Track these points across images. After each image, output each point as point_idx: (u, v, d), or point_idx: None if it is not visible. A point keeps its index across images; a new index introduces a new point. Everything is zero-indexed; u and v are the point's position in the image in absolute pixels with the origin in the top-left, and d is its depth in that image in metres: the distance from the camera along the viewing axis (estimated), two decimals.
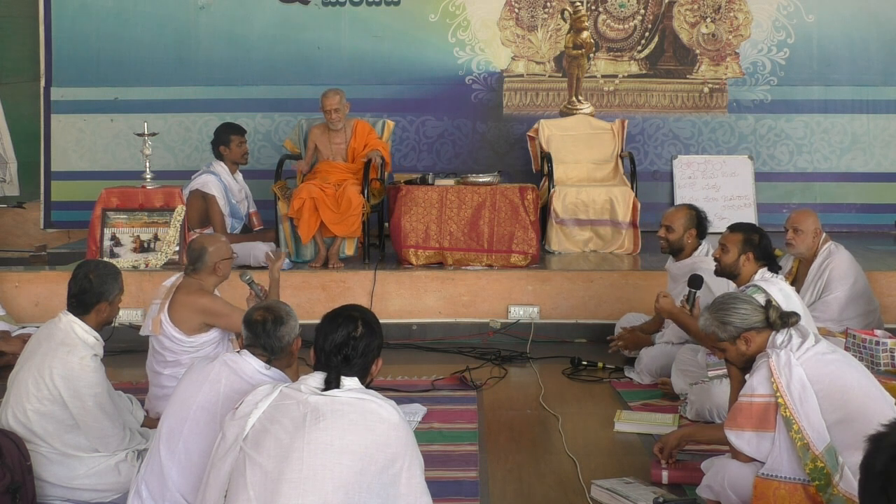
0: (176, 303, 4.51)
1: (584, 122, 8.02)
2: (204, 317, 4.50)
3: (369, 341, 2.87)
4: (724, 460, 3.52)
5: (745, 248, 4.57)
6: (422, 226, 6.59)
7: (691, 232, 5.29)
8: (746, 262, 4.57)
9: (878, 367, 4.71)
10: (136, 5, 8.42)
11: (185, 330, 4.48)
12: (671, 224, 5.32)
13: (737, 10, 8.29)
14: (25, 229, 8.59)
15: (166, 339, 4.50)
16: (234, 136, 7.03)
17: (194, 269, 4.60)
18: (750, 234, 4.62)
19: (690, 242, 5.30)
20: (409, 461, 2.75)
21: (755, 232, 4.64)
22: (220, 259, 4.63)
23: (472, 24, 8.33)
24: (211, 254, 4.59)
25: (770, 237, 4.70)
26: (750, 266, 4.56)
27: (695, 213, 5.33)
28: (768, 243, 4.62)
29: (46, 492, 3.72)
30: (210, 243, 4.66)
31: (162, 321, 4.49)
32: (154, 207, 6.69)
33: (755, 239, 4.58)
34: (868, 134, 8.24)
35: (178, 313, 4.49)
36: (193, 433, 3.21)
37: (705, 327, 3.57)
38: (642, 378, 5.33)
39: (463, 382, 5.36)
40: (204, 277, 4.60)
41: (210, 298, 4.55)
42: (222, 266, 4.64)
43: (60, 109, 8.46)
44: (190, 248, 4.70)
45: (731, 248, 4.60)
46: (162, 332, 4.49)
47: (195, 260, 4.60)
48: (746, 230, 4.66)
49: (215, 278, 4.64)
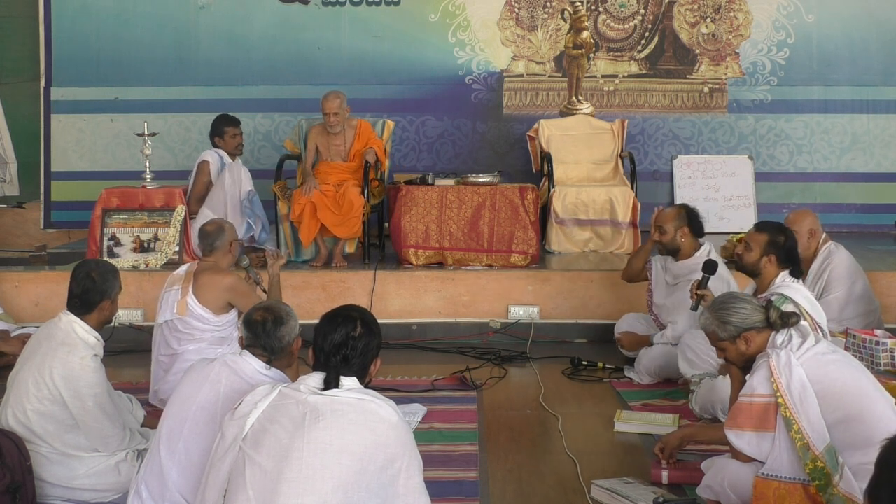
0: (201, 285, 4.72)
1: (584, 122, 8.02)
2: (229, 295, 4.74)
3: (368, 341, 2.87)
4: (724, 460, 3.51)
5: (768, 249, 4.49)
6: (422, 226, 6.59)
7: (683, 230, 5.30)
8: (768, 263, 4.49)
9: (878, 367, 4.71)
10: (136, 5, 8.42)
11: (213, 309, 4.72)
12: (662, 225, 5.34)
13: (737, 10, 8.29)
14: (25, 229, 8.59)
15: (193, 320, 4.71)
16: (227, 127, 7.02)
17: (212, 250, 4.84)
18: (776, 235, 4.52)
19: (685, 241, 5.31)
20: (408, 461, 2.76)
21: (781, 233, 4.54)
22: (234, 238, 4.91)
23: (472, 24, 8.33)
24: (227, 233, 4.87)
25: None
26: (772, 268, 4.49)
27: (684, 211, 5.36)
28: (793, 245, 4.54)
29: (46, 492, 3.72)
30: (225, 223, 4.99)
31: (188, 304, 4.70)
32: (154, 207, 6.70)
33: (780, 241, 4.49)
34: (868, 134, 8.24)
35: (206, 294, 4.71)
36: (193, 433, 3.22)
37: (705, 326, 3.56)
38: (642, 378, 5.33)
39: (463, 382, 5.36)
40: (220, 257, 4.85)
41: (235, 277, 4.82)
42: (235, 246, 4.91)
43: (60, 109, 8.46)
44: (204, 231, 4.94)
45: (755, 247, 4.53)
46: (189, 314, 4.70)
47: (214, 239, 4.84)
48: (773, 231, 4.55)
49: (230, 257, 4.90)
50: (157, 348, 4.91)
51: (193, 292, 4.71)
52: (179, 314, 4.72)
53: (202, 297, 4.71)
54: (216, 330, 4.76)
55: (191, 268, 4.87)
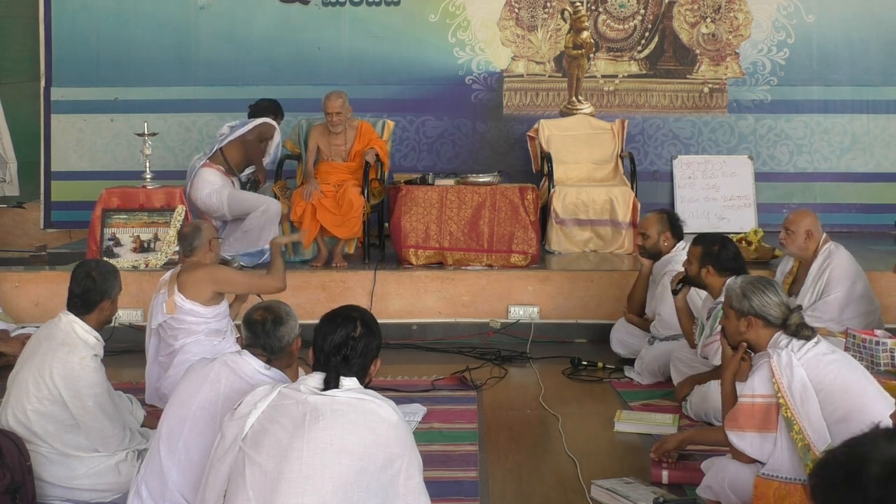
0: (184, 282, 4.79)
1: (584, 122, 8.02)
2: (214, 285, 4.81)
3: (368, 341, 2.87)
4: (725, 461, 3.51)
5: (704, 260, 4.67)
6: (422, 226, 6.59)
7: (665, 234, 5.48)
8: (708, 274, 4.66)
9: (878, 367, 4.71)
10: (136, 5, 8.42)
11: (203, 301, 4.77)
12: (646, 231, 5.54)
13: (737, 10, 8.29)
14: (25, 229, 8.60)
15: (185, 315, 4.77)
16: (281, 116, 7.15)
17: (192, 250, 4.90)
18: (710, 246, 4.69)
19: (667, 245, 5.49)
20: (408, 461, 2.76)
21: (716, 244, 4.70)
22: (213, 237, 4.98)
23: (472, 24, 8.33)
24: (205, 231, 4.95)
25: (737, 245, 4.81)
26: (713, 278, 4.64)
27: (666, 217, 5.56)
28: (730, 254, 4.66)
29: (46, 492, 3.72)
30: (202, 223, 5.15)
31: (177, 301, 4.76)
32: (154, 207, 6.70)
33: (714, 251, 4.66)
34: (868, 134, 8.24)
35: (191, 289, 4.78)
36: (193, 433, 3.22)
37: (730, 286, 3.62)
38: (642, 378, 5.34)
39: (463, 382, 5.36)
40: (201, 256, 4.90)
41: (215, 266, 4.90)
42: (215, 244, 4.98)
43: (60, 109, 8.46)
44: (182, 234, 5.03)
45: (693, 260, 4.74)
46: (179, 311, 4.76)
47: (192, 240, 4.91)
48: (706, 243, 4.73)
49: (212, 255, 4.95)
50: (155, 351, 4.95)
51: (179, 290, 4.78)
52: (170, 313, 4.79)
53: (187, 292, 4.78)
54: (209, 322, 4.82)
55: (174, 271, 4.94)
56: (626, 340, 5.68)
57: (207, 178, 6.78)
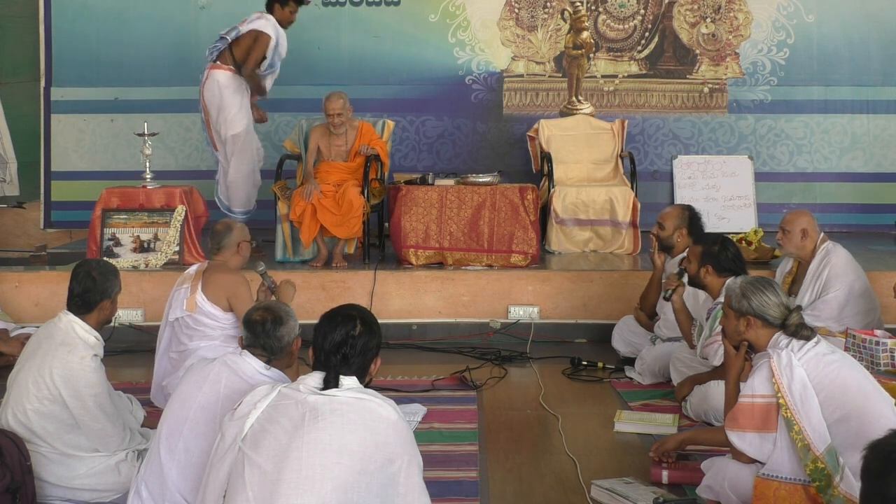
0: (209, 283, 4.76)
1: (584, 122, 8.02)
2: (228, 293, 4.76)
3: (368, 340, 2.87)
4: (725, 461, 3.52)
5: (704, 260, 4.69)
6: (422, 226, 6.59)
7: (682, 231, 5.42)
8: (707, 274, 4.68)
9: (878, 367, 4.71)
10: (136, 5, 8.42)
11: (222, 307, 4.75)
12: (663, 222, 5.48)
13: (737, 10, 8.29)
14: (25, 229, 8.60)
15: (203, 317, 4.75)
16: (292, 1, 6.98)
17: (219, 249, 4.87)
18: (710, 246, 4.71)
19: (681, 241, 5.41)
20: (408, 461, 2.75)
21: (716, 244, 4.72)
22: (243, 239, 4.91)
23: (472, 25, 8.33)
24: (235, 233, 4.88)
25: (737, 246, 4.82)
26: (712, 278, 4.67)
27: (687, 213, 5.48)
28: (730, 255, 4.68)
29: (46, 492, 3.72)
30: (235, 224, 5.02)
31: (197, 300, 4.74)
32: (154, 208, 6.70)
33: (714, 251, 4.68)
34: (868, 134, 8.24)
35: (213, 292, 4.75)
36: (193, 433, 3.22)
37: (730, 286, 3.63)
38: (643, 378, 5.34)
39: (463, 382, 5.36)
40: (228, 257, 4.86)
41: (239, 281, 4.79)
42: (244, 247, 4.91)
43: (60, 109, 8.46)
44: (214, 230, 4.96)
45: (693, 260, 4.76)
46: (198, 311, 4.74)
47: (220, 238, 4.87)
48: (707, 242, 4.75)
49: (239, 258, 4.91)
50: (167, 345, 4.92)
51: (202, 289, 4.75)
52: (189, 311, 4.76)
53: (210, 294, 4.75)
54: (226, 328, 4.78)
55: (201, 266, 4.91)
56: (629, 338, 5.67)
57: (219, 79, 6.80)
